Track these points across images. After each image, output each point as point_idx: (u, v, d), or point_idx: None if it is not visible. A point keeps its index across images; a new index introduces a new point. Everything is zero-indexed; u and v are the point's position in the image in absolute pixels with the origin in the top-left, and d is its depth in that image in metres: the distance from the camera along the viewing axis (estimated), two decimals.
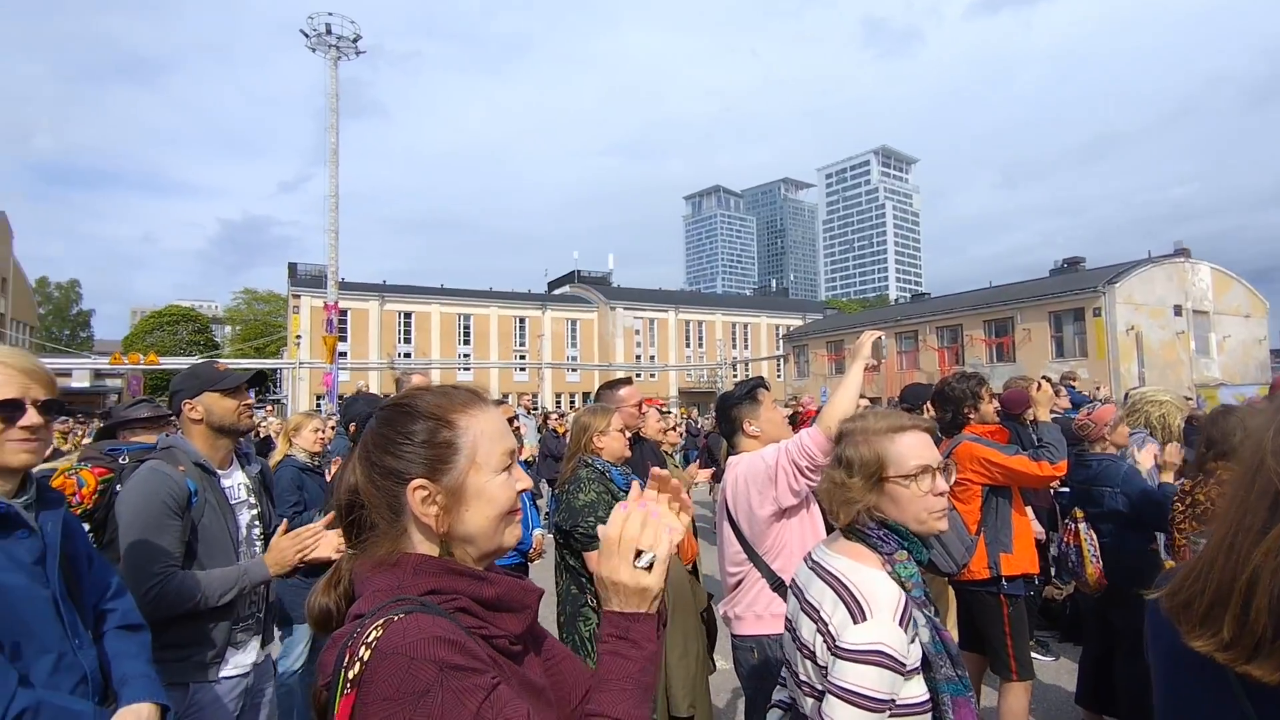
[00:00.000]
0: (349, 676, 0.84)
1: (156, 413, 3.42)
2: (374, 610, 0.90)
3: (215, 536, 2.25)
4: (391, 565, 0.98)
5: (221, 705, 2.21)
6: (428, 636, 0.84)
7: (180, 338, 57.43)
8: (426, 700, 0.81)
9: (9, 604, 1.47)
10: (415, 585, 0.95)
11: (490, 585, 1.00)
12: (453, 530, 1.01)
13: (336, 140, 26.65)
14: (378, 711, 0.81)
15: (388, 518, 1.01)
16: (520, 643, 1.03)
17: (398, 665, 0.82)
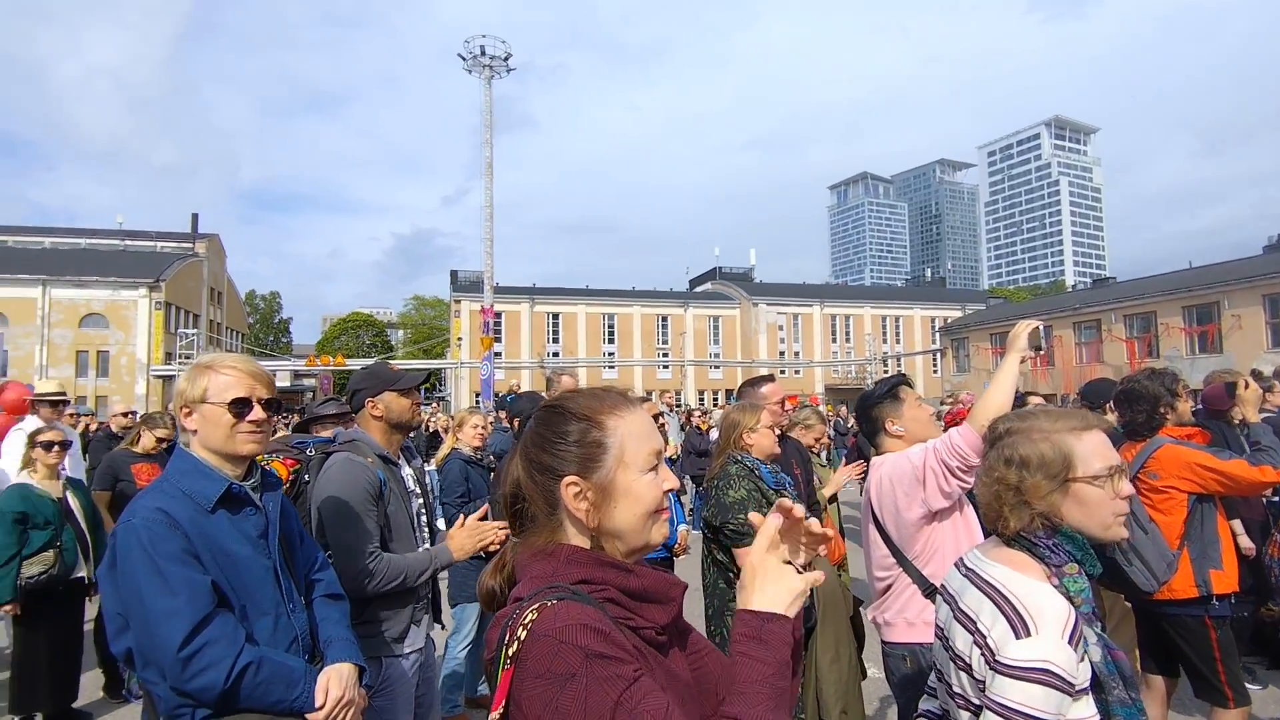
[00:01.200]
0: (509, 653, 0.92)
1: (342, 409, 3.89)
2: (531, 594, 0.98)
3: (400, 523, 2.50)
4: (548, 554, 1.04)
5: (406, 679, 2.45)
6: (576, 624, 0.90)
7: (362, 341, 63.90)
8: (572, 684, 0.86)
9: (239, 571, 1.75)
10: (568, 574, 1.01)
11: (637, 577, 1.04)
12: (603, 525, 1.07)
13: (491, 154, 28.42)
14: (531, 688, 0.89)
15: (545, 510, 1.09)
16: (665, 634, 1.07)
17: (548, 647, 0.89)
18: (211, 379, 1.79)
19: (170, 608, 1.59)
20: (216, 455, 1.80)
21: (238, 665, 1.62)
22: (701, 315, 56.58)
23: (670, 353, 54.08)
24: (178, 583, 1.61)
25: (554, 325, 53.10)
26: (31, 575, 3.92)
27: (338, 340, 63.66)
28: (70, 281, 38.95)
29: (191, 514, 1.70)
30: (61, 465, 4.34)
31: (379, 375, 2.61)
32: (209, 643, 1.60)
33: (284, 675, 1.70)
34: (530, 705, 0.88)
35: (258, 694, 1.65)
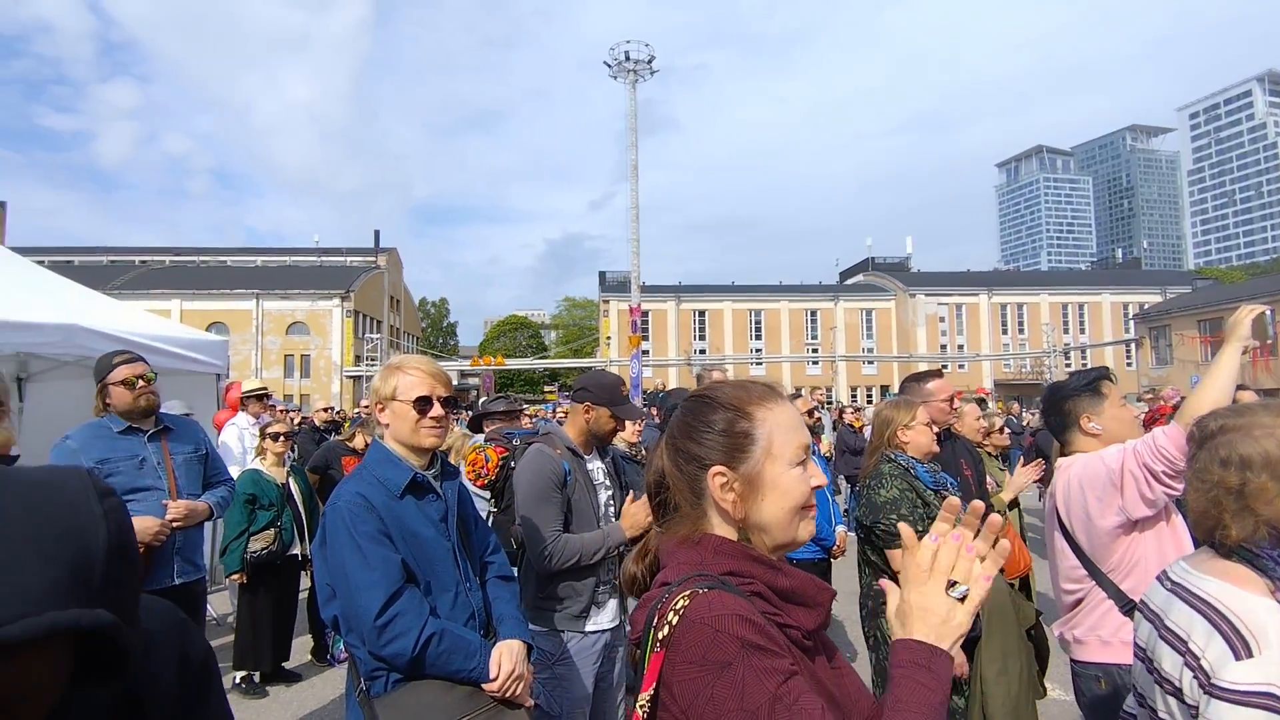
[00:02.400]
0: (658, 637, 0.93)
1: (510, 407, 4.30)
2: (679, 580, 0.98)
3: (583, 510, 2.69)
4: (694, 543, 1.05)
5: (587, 655, 2.63)
6: (731, 613, 0.90)
7: (519, 342, 67.80)
8: (729, 672, 0.86)
9: (424, 551, 1.94)
10: (716, 564, 1.01)
11: (785, 576, 1.03)
12: (749, 517, 1.06)
13: (635, 157, 29.05)
14: (684, 674, 0.89)
15: (690, 499, 1.09)
16: (811, 640, 1.04)
17: (703, 634, 0.89)
18: (400, 379, 2.00)
19: (368, 581, 1.80)
20: (404, 447, 2.01)
21: (424, 635, 1.79)
22: (853, 308, 54.37)
23: (820, 348, 52.45)
24: (374, 559, 1.82)
25: (700, 322, 53.33)
26: (256, 550, 4.55)
27: (497, 341, 68.03)
28: (278, 294, 44.69)
29: (384, 499, 1.91)
30: (287, 454, 5.01)
31: (610, 390, 2.80)
32: (400, 614, 1.79)
33: (463, 647, 1.86)
34: (683, 691, 0.89)
35: (440, 663, 1.82)
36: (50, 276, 6.89)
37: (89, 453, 3.04)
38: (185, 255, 56.64)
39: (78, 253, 55.19)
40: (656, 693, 0.93)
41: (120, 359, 3.18)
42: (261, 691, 4.63)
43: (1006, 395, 39.71)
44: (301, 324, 44.81)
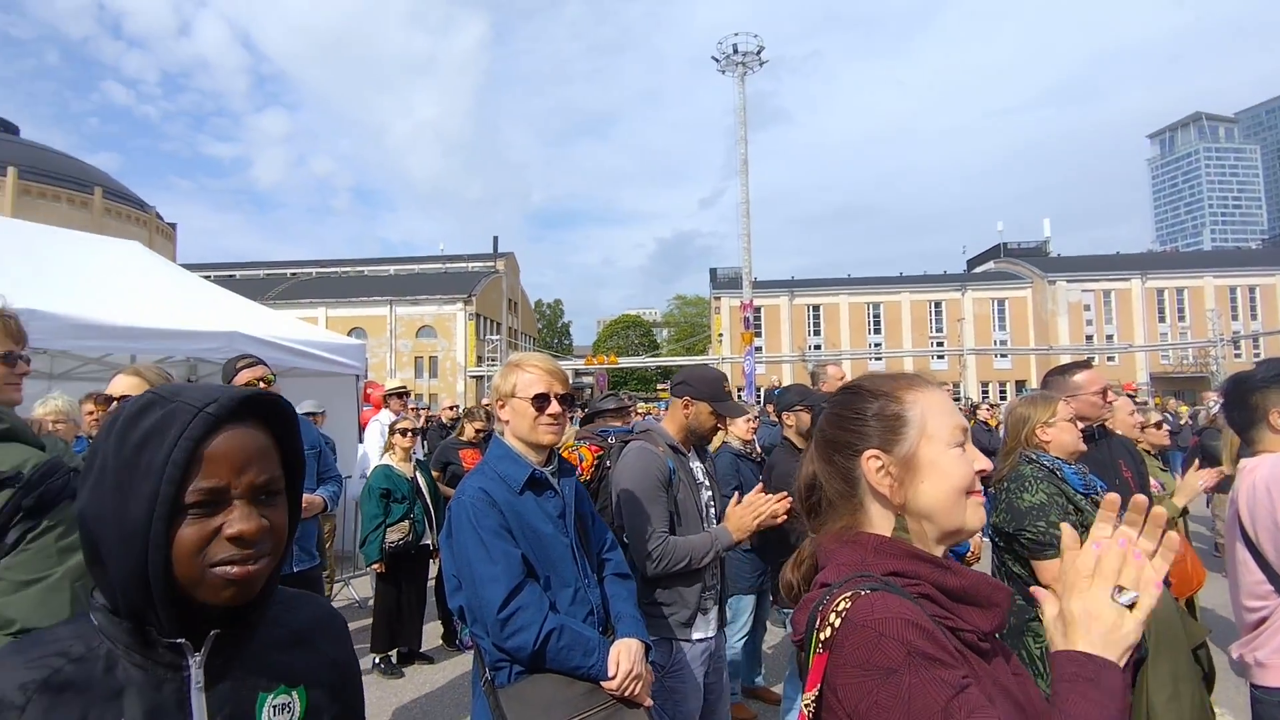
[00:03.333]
0: (821, 638, 0.90)
1: (620, 405, 4.32)
2: (840, 581, 0.95)
3: (688, 510, 2.62)
4: (853, 541, 1.01)
5: (696, 665, 2.55)
6: (897, 617, 0.86)
7: (631, 340, 68.70)
8: (895, 679, 0.82)
9: (544, 547, 1.96)
10: (878, 564, 0.97)
11: (955, 575, 0.96)
12: (909, 503, 1.01)
13: (745, 151, 28.65)
14: (848, 677, 0.86)
15: (843, 491, 1.06)
16: (988, 641, 0.97)
17: (867, 638, 0.85)
18: (519, 376, 2.03)
19: (491, 574, 1.84)
20: (523, 443, 2.04)
21: (544, 630, 1.81)
22: (983, 298, 50.97)
23: (946, 341, 49.60)
24: (497, 553, 1.86)
25: (814, 317, 51.88)
26: (392, 540, 4.86)
27: (610, 340, 69.26)
28: (408, 300, 47.75)
29: (505, 494, 1.95)
30: (414, 449, 5.32)
31: (710, 385, 2.72)
32: (521, 608, 1.82)
33: (582, 643, 1.86)
34: (846, 694, 0.86)
35: (560, 658, 1.83)
36: (215, 290, 7.68)
37: None
38: (329, 267, 61.59)
39: (238, 268, 61.36)
40: (821, 694, 0.91)
41: (242, 364, 3.46)
42: (398, 672, 4.92)
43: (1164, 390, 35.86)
44: (429, 327, 47.64)
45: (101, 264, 6.59)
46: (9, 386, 1.83)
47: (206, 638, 0.82)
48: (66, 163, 46.64)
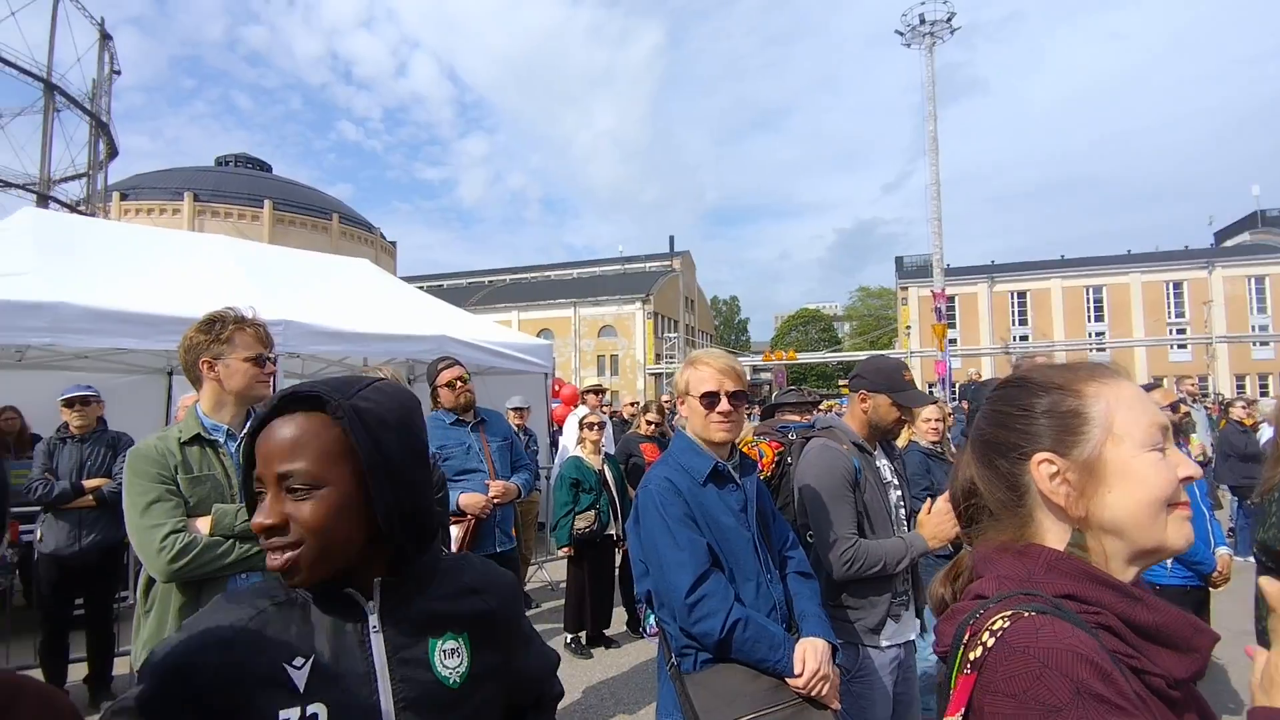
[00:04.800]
0: (969, 657, 0.81)
1: (801, 399, 4.22)
2: (999, 597, 0.85)
3: (877, 511, 2.47)
4: (1019, 553, 0.89)
5: (884, 673, 2.41)
6: (1067, 649, 0.74)
7: (811, 335, 66.80)
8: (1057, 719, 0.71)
9: (727, 538, 1.96)
10: (1049, 583, 0.84)
11: (1148, 609, 0.81)
12: (1092, 515, 0.86)
13: (935, 128, 26.67)
14: (998, 706, 0.76)
15: (1007, 500, 0.93)
16: (1179, 689, 0.81)
17: (1026, 666, 0.75)
18: (692, 374, 2.06)
19: (678, 560, 1.88)
20: (700, 439, 2.06)
21: (730, 619, 1.82)
22: (1235, 276, 43.03)
23: (1190, 328, 42.62)
24: (683, 540, 1.90)
25: (1020, 304, 46.98)
26: (580, 528, 5.14)
27: (789, 336, 67.87)
28: (590, 301, 50.20)
29: (689, 485, 1.98)
30: (602, 443, 5.59)
31: (886, 374, 2.56)
32: (708, 595, 1.84)
33: (767, 637, 1.84)
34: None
35: (746, 649, 1.83)
36: (427, 298, 8.60)
37: (431, 440, 3.73)
38: (520, 273, 66.48)
39: (445, 278, 68.08)
40: (965, 718, 0.81)
41: (444, 365, 3.84)
42: (586, 653, 5.20)
43: None
44: (610, 327, 49.73)
45: (338, 280, 7.67)
46: (259, 384, 2.18)
47: (374, 586, 0.97)
48: (310, 194, 54.88)
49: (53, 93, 28.95)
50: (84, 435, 4.52)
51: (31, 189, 28.65)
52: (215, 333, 2.12)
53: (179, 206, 45.73)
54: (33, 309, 4.35)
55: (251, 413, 2.23)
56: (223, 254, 7.19)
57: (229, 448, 2.12)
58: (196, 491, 2.00)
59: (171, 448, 2.02)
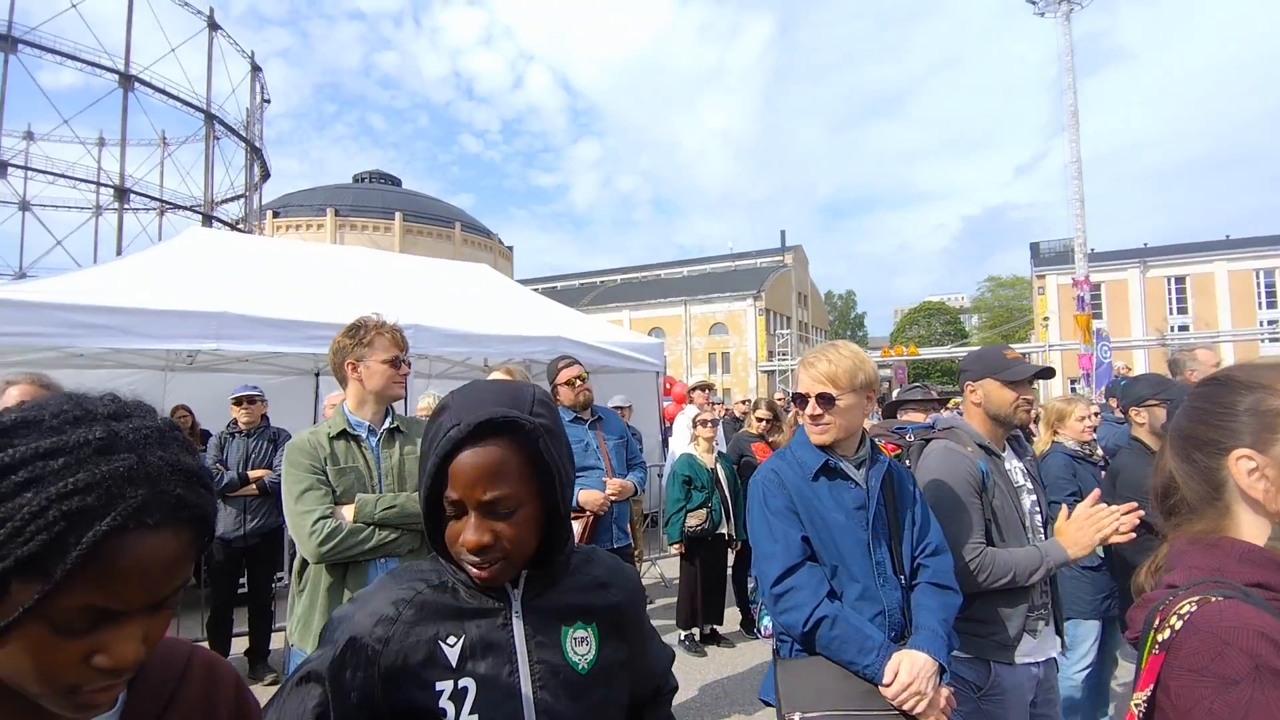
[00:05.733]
0: (1158, 639, 0.88)
1: (926, 396, 3.98)
2: (1189, 584, 0.91)
3: (1008, 517, 2.29)
4: (1211, 545, 0.94)
5: (1020, 692, 2.23)
6: (1248, 627, 0.81)
7: (934, 329, 63.37)
8: (1234, 691, 0.78)
9: (832, 535, 1.93)
10: (1239, 572, 0.89)
11: None
12: None
13: (1075, 102, 24.56)
14: (1183, 681, 0.83)
15: (1205, 494, 0.97)
16: None
17: (1208, 644, 0.82)
18: (798, 373, 2.07)
19: (771, 550, 1.91)
20: None
21: (816, 615, 1.80)
22: None
23: None
24: (778, 531, 1.91)
25: (1178, 291, 42.34)
26: (691, 525, 5.14)
27: (910, 330, 64.68)
28: (701, 299, 50.09)
29: (796, 479, 1.98)
30: (715, 441, 5.58)
31: (985, 360, 2.41)
32: (795, 588, 1.84)
33: (858, 639, 1.78)
34: (1180, 699, 0.84)
35: (832, 647, 1.79)
36: (542, 300, 8.91)
37: None
38: (630, 273, 67.40)
39: (559, 279, 70.15)
40: (1154, 694, 0.89)
41: (563, 363, 3.94)
42: (700, 650, 5.20)
43: None
44: (721, 324, 49.42)
45: (461, 285, 8.10)
46: (395, 385, 2.36)
47: (521, 576, 1.07)
48: (435, 205, 58.35)
49: (212, 122, 32.42)
50: (250, 430, 5.03)
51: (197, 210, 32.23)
52: (358, 337, 2.33)
53: (322, 222, 49.93)
54: (200, 318, 4.92)
55: (390, 411, 2.41)
56: (360, 264, 7.80)
57: (371, 442, 2.34)
58: (342, 481, 2.22)
59: (322, 441, 2.25)
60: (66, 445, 0.62)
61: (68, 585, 0.59)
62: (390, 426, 2.40)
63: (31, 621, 0.59)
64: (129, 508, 0.61)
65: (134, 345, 4.93)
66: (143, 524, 0.62)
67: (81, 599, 0.60)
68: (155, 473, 0.64)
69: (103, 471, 0.61)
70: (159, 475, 0.64)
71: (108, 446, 0.63)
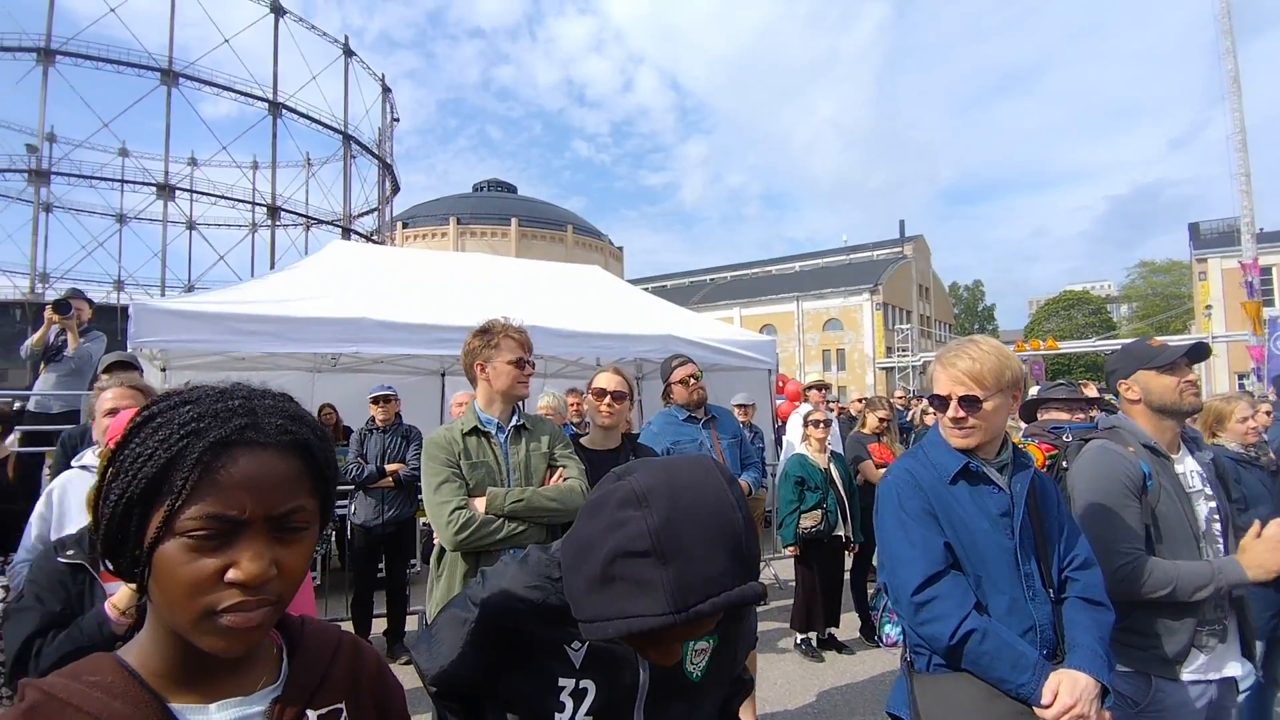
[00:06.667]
0: None
1: (1072, 394, 3.63)
2: None
3: (1174, 526, 2.09)
4: None
5: (1185, 711, 2.04)
6: None
7: (1076, 321, 58.36)
8: None
9: (975, 543, 1.78)
10: None
11: None
12: None
13: (1235, 67, 21.91)
14: None
15: None
16: None
17: None
18: (934, 372, 1.92)
19: (909, 556, 1.77)
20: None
21: (963, 628, 1.66)
22: None
23: None
24: (916, 536, 1.78)
25: None
26: (806, 526, 5.02)
27: (1048, 322, 59.88)
28: (814, 295, 48.77)
29: (933, 481, 1.84)
30: (828, 441, 5.44)
31: (1131, 353, 2.24)
32: (937, 597, 1.70)
33: (1011, 656, 1.65)
34: None
35: (982, 663, 1.65)
36: (652, 299, 9.00)
37: (665, 436, 3.84)
38: (740, 270, 66.64)
39: (669, 278, 70.48)
40: None
41: (677, 362, 3.95)
42: (818, 655, 5.08)
43: None
44: (835, 320, 47.91)
45: (573, 286, 8.33)
46: (519, 385, 2.49)
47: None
48: (548, 209, 60.34)
49: (349, 142, 35.08)
50: (385, 427, 5.41)
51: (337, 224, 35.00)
52: (486, 339, 2.49)
53: (445, 230, 52.89)
54: (342, 324, 5.35)
55: (517, 409, 2.55)
56: (479, 269, 8.21)
57: (499, 438, 2.48)
58: (474, 475, 2.38)
59: (456, 437, 2.42)
60: (194, 397, 0.76)
61: (191, 496, 0.69)
62: (517, 424, 2.53)
63: (170, 538, 0.70)
64: (234, 426, 0.73)
65: (286, 349, 5.46)
66: (247, 440, 0.73)
67: (203, 507, 0.70)
68: (260, 409, 0.76)
69: (216, 407, 0.74)
70: (263, 411, 0.76)
71: (226, 395, 0.76)
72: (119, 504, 0.71)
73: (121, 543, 0.72)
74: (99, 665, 0.74)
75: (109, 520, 0.72)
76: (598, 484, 0.96)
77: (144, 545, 0.71)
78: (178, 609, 0.71)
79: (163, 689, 0.74)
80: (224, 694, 0.77)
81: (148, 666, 0.75)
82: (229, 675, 0.78)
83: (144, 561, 0.71)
